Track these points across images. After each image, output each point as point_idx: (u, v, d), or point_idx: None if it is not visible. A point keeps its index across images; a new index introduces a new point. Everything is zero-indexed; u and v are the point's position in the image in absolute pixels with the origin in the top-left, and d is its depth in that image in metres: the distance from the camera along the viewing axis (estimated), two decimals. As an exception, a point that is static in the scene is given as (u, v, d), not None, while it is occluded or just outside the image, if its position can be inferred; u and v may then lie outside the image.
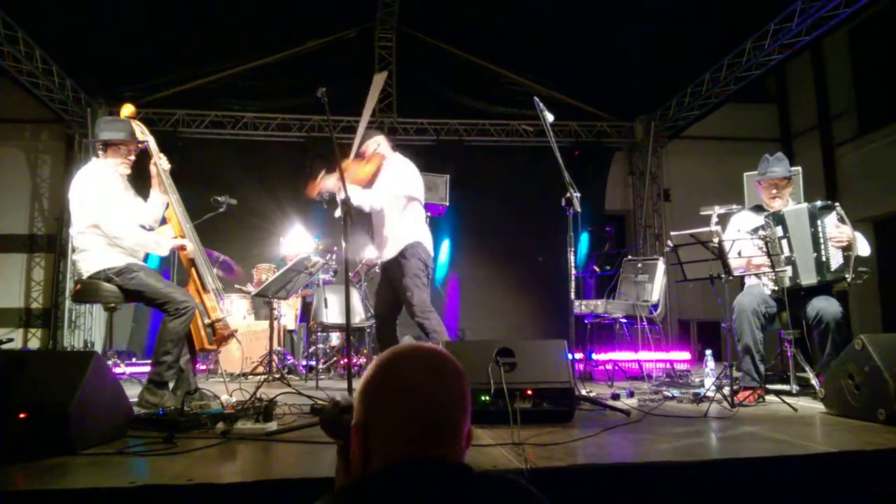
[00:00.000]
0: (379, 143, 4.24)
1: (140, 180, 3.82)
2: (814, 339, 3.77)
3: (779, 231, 3.85)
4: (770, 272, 3.75)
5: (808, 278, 3.77)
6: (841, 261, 3.72)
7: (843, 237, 3.70)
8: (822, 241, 3.72)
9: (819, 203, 3.82)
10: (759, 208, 4.13)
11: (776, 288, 3.81)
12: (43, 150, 8.84)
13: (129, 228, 3.44)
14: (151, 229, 3.68)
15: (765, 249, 3.66)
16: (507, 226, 8.78)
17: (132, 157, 3.61)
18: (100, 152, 3.54)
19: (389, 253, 4.17)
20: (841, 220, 3.75)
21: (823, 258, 3.72)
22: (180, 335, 3.35)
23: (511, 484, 0.99)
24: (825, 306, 3.65)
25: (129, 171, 3.62)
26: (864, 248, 3.76)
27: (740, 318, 3.76)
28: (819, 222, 3.75)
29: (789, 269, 3.80)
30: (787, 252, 3.82)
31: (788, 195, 4.06)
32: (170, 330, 3.32)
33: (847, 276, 3.70)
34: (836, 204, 3.80)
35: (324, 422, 1.23)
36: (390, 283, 4.24)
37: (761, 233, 3.71)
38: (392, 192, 4.06)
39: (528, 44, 8.11)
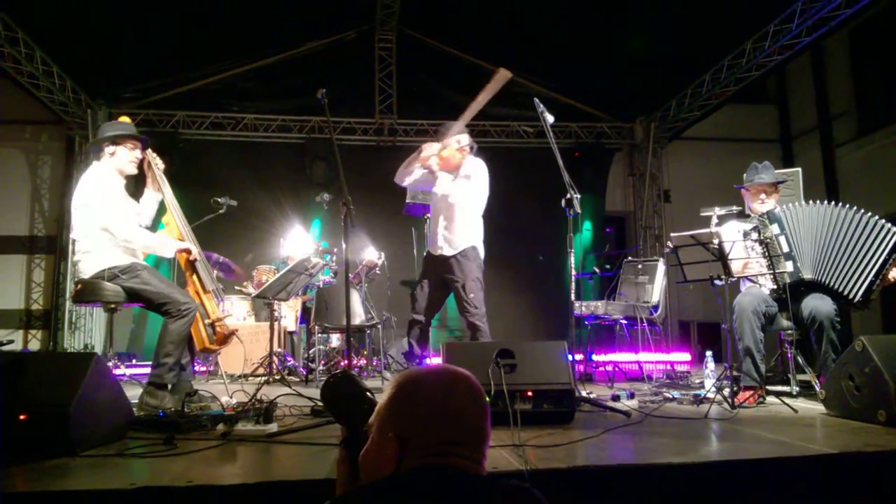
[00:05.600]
0: (469, 142, 4.36)
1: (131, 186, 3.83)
2: (811, 338, 3.77)
3: (774, 229, 3.86)
4: (768, 273, 3.75)
5: (809, 273, 3.77)
6: (877, 295, 3.72)
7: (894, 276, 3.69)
8: (886, 268, 3.68)
9: None
10: (747, 216, 4.14)
11: (775, 287, 3.81)
12: (43, 151, 8.84)
13: (138, 232, 3.47)
14: (148, 228, 3.70)
15: (762, 250, 3.66)
16: (507, 227, 8.70)
17: (139, 155, 3.60)
18: (108, 154, 3.52)
19: (451, 248, 4.21)
20: None
21: (874, 286, 3.68)
22: (181, 337, 3.34)
23: (519, 491, 1.10)
24: (818, 305, 3.65)
25: (136, 171, 3.62)
26: None
27: (741, 318, 3.76)
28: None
29: (789, 264, 3.80)
30: (785, 248, 3.83)
31: (775, 201, 4.07)
32: (171, 331, 3.32)
33: (868, 306, 3.74)
34: None
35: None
36: (440, 279, 4.26)
37: (754, 235, 3.70)
38: (479, 200, 4.26)
39: (528, 45, 8.10)
